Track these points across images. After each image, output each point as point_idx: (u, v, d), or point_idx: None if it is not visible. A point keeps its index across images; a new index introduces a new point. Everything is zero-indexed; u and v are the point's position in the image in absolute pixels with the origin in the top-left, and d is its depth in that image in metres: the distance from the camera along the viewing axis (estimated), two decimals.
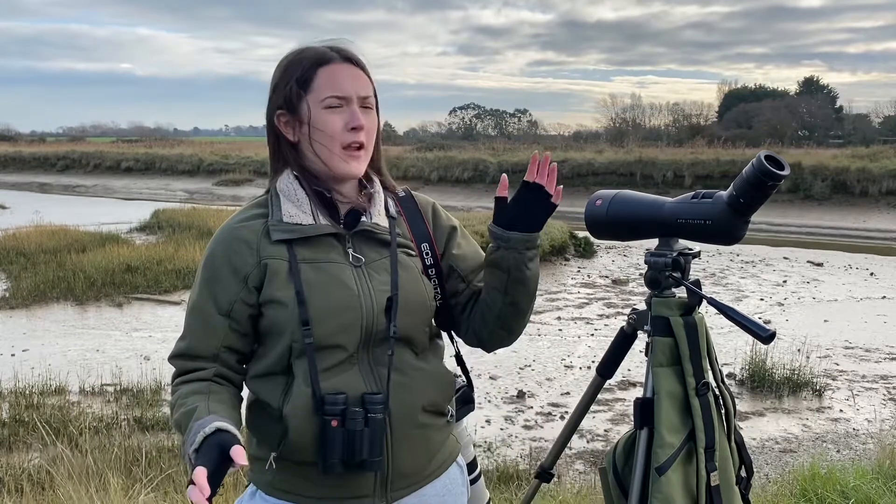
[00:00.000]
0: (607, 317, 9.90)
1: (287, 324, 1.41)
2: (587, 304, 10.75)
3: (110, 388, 6.58)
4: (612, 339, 1.80)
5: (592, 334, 8.94)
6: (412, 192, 1.65)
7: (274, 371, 1.45)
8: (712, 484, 1.55)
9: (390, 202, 1.57)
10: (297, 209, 1.46)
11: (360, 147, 1.48)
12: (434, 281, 1.57)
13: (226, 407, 1.40)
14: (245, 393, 1.52)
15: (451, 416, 1.58)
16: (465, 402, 1.69)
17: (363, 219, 1.50)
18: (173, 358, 1.48)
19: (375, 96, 1.53)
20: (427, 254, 1.57)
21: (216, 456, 1.22)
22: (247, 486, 1.56)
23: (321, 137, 1.46)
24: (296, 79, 1.47)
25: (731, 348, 7.72)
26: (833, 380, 7.22)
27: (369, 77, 1.51)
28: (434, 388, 1.51)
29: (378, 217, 1.52)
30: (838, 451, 5.51)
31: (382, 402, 1.41)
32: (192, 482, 1.17)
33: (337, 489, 1.44)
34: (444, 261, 1.59)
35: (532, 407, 6.47)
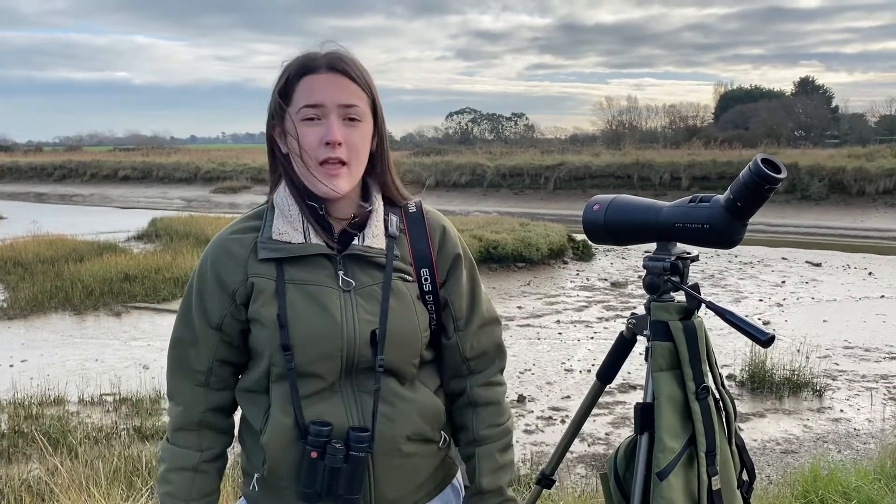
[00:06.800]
0: (606, 320, 9.89)
1: (266, 346, 1.39)
2: (586, 307, 10.74)
3: (109, 398, 6.56)
4: (612, 343, 1.79)
5: (592, 337, 8.93)
6: (424, 208, 1.55)
7: (256, 389, 1.44)
8: (714, 488, 1.54)
9: (394, 219, 1.49)
10: (289, 226, 1.41)
11: (341, 164, 1.39)
12: (431, 307, 1.50)
13: (207, 490, 1.48)
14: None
15: (445, 441, 1.53)
16: None
17: (355, 241, 1.43)
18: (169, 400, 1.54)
19: (375, 106, 1.45)
20: (426, 279, 1.48)
21: None
22: (239, 499, 1.57)
23: (300, 152, 1.39)
24: (278, 90, 1.42)
25: (730, 349, 7.72)
26: (833, 380, 7.22)
27: (362, 86, 1.42)
28: (419, 418, 1.46)
29: (372, 238, 1.44)
30: (839, 452, 5.50)
31: (367, 441, 1.37)
32: None
33: None
34: (443, 290, 1.51)
35: (532, 411, 6.46)
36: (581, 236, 14.77)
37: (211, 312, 1.44)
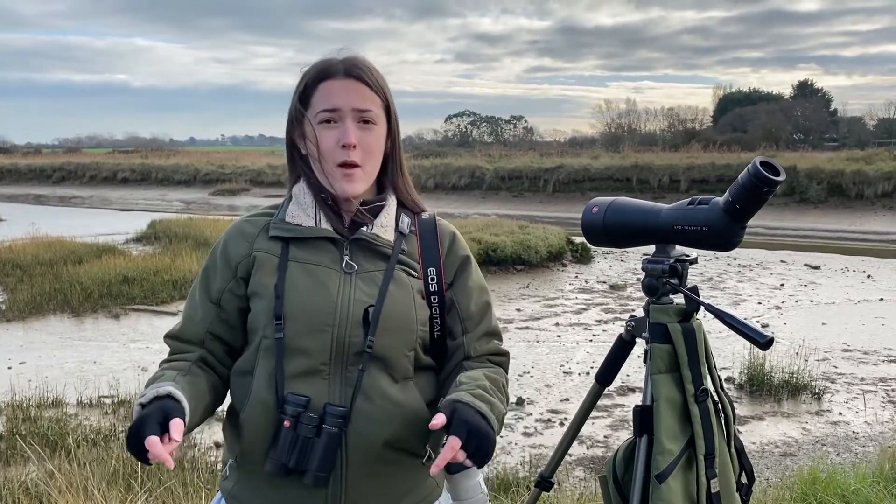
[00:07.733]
0: (605, 322, 9.90)
1: (262, 317, 1.41)
2: (585, 309, 10.74)
3: (108, 400, 6.55)
4: (611, 345, 1.79)
5: (591, 340, 8.93)
6: (438, 217, 1.59)
7: (246, 369, 1.44)
8: (713, 491, 1.54)
9: (406, 219, 1.53)
10: (301, 211, 1.48)
11: (355, 165, 1.44)
12: (434, 310, 1.50)
13: (194, 389, 1.38)
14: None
15: (429, 457, 1.48)
16: None
17: (363, 228, 1.47)
18: (167, 337, 1.52)
19: (389, 109, 1.51)
20: (432, 279, 1.50)
21: (157, 420, 1.23)
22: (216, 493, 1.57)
23: (318, 154, 1.46)
24: (298, 95, 1.49)
25: (729, 352, 7.72)
26: (832, 383, 7.22)
27: (377, 91, 1.47)
28: (402, 426, 1.41)
29: (381, 229, 1.48)
30: (838, 455, 5.50)
31: (342, 417, 1.36)
32: (130, 437, 1.21)
33: None
34: (449, 291, 1.52)
35: (531, 414, 6.46)
36: (580, 239, 14.77)
37: (212, 287, 1.49)
